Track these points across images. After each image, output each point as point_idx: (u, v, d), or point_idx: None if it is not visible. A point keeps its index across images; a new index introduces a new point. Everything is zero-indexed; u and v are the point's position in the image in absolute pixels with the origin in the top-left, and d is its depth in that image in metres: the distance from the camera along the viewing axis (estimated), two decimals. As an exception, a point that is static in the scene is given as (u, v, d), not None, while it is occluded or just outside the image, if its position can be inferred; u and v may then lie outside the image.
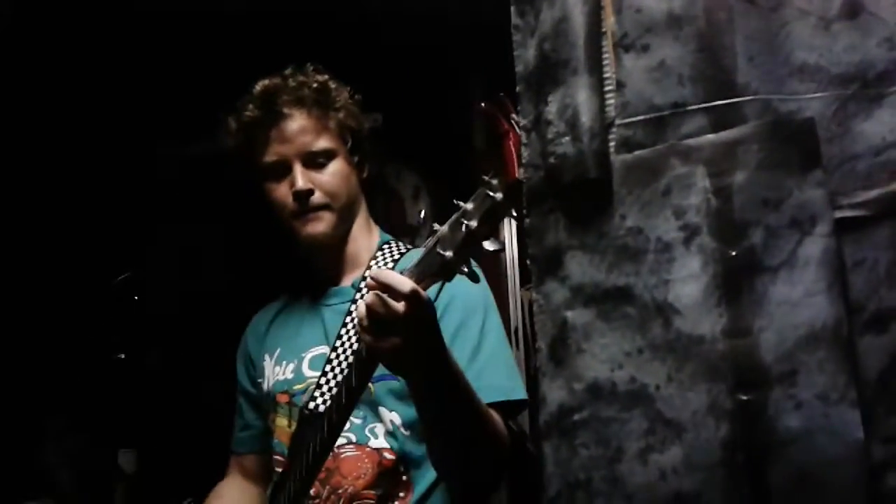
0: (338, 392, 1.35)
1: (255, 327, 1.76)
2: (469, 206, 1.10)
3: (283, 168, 1.57)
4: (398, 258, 1.62)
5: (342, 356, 1.53)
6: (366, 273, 1.57)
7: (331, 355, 1.54)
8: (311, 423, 1.46)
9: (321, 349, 1.58)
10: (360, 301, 1.19)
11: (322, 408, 1.48)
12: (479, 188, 1.10)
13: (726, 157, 0.99)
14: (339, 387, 1.36)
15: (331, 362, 1.53)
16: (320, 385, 1.51)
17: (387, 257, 1.64)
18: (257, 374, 1.68)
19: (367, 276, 1.45)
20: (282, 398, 1.59)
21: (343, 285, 1.64)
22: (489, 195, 1.09)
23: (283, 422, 1.59)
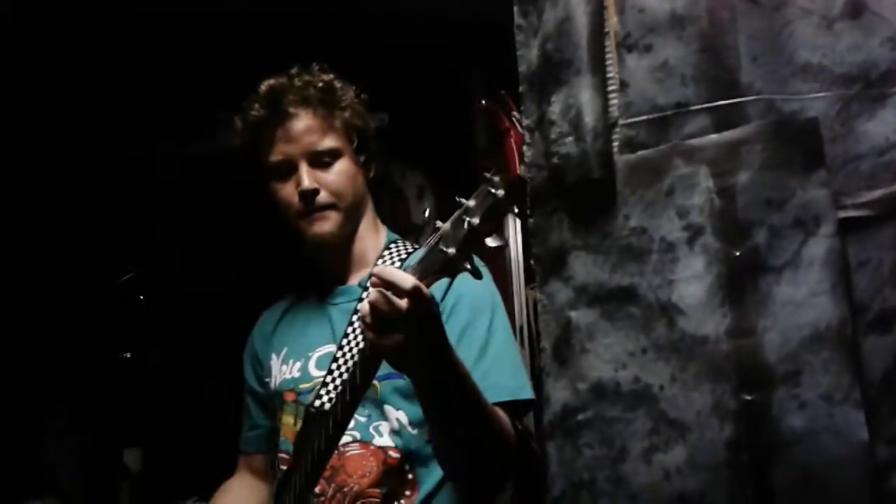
0: (342, 390, 1.35)
1: (262, 327, 1.76)
2: (471, 203, 1.11)
3: (288, 168, 1.57)
4: (405, 257, 1.62)
5: (348, 355, 1.53)
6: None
7: (337, 354, 1.54)
8: (317, 421, 1.46)
9: (328, 348, 1.58)
10: (364, 298, 1.19)
11: (327, 406, 1.48)
12: (480, 185, 1.11)
13: (730, 157, 0.98)
14: (343, 385, 1.36)
15: (337, 361, 1.53)
16: (326, 384, 1.52)
17: (393, 256, 1.64)
18: (264, 373, 1.69)
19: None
20: (288, 396, 1.60)
21: (350, 284, 1.64)
22: (491, 192, 1.09)
23: (289, 420, 1.59)
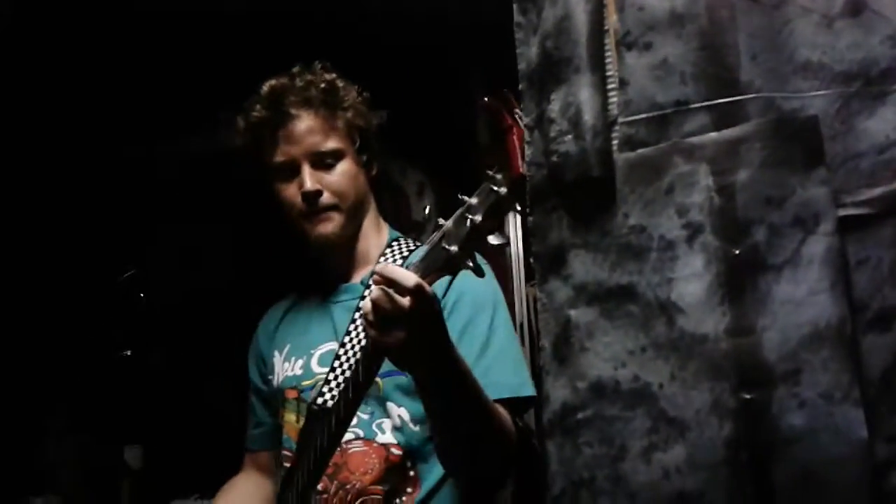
0: (345, 387, 1.35)
1: (265, 325, 1.77)
2: (474, 200, 1.10)
3: (291, 169, 1.57)
4: (407, 255, 1.62)
5: (350, 352, 1.53)
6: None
7: (339, 351, 1.54)
8: (319, 418, 1.46)
9: (330, 345, 1.58)
10: (366, 295, 1.19)
11: (330, 403, 1.48)
12: (483, 183, 1.11)
13: (729, 155, 0.98)
14: (346, 382, 1.36)
15: (339, 358, 1.53)
16: (328, 381, 1.52)
17: (395, 254, 1.64)
18: (267, 370, 1.69)
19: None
20: (290, 394, 1.60)
21: (353, 282, 1.64)
22: (493, 190, 1.09)
23: (291, 417, 1.59)
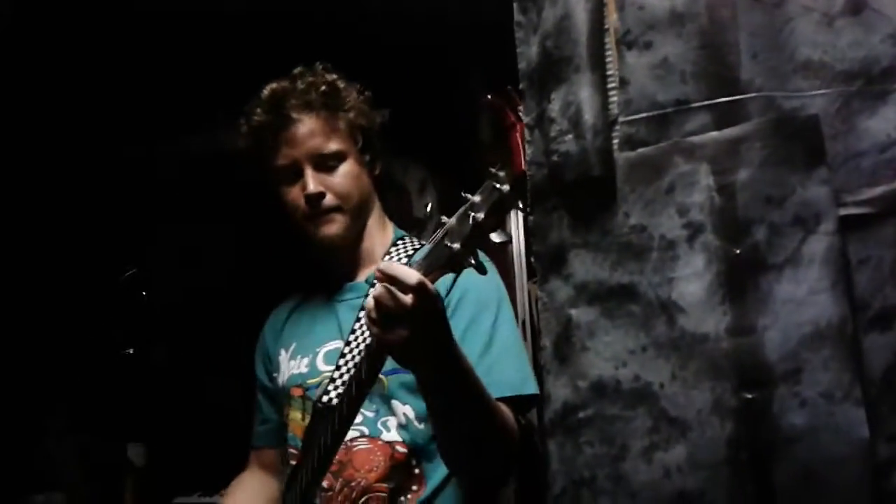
0: (348, 385, 1.35)
1: (272, 323, 1.77)
2: (477, 198, 1.10)
3: (294, 171, 1.57)
4: (412, 253, 1.62)
5: (356, 350, 1.53)
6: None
7: (344, 350, 1.54)
8: (324, 416, 1.46)
9: (335, 344, 1.58)
10: (370, 293, 1.19)
11: (335, 401, 1.48)
12: (486, 180, 1.10)
13: (730, 154, 0.98)
14: (350, 379, 1.37)
15: (344, 356, 1.53)
16: (333, 379, 1.52)
17: (400, 253, 1.64)
18: (273, 368, 1.69)
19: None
20: (296, 392, 1.60)
21: (357, 281, 1.64)
22: (496, 187, 1.08)
23: (296, 415, 1.59)
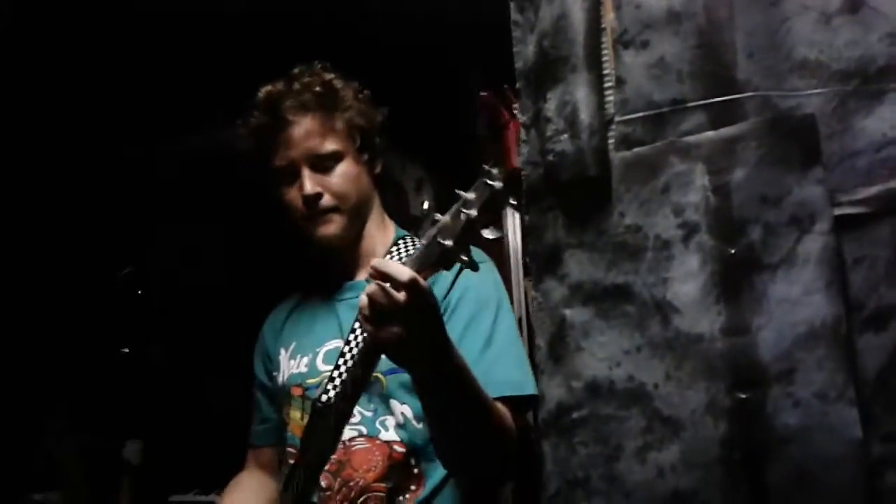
0: (344, 382, 1.36)
1: (272, 323, 1.77)
2: (470, 195, 1.11)
3: (292, 172, 1.58)
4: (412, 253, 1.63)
5: (355, 350, 1.53)
6: None
7: (344, 349, 1.54)
8: (323, 415, 1.47)
9: (335, 343, 1.58)
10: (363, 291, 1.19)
11: (334, 400, 1.48)
12: (478, 178, 1.11)
13: (725, 154, 0.98)
14: (346, 377, 1.37)
15: (344, 356, 1.53)
16: (333, 378, 1.52)
17: (401, 252, 1.64)
18: (273, 367, 1.70)
19: None
20: (296, 391, 1.61)
21: (357, 280, 1.64)
22: (489, 184, 1.09)
23: (296, 414, 1.60)
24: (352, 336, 1.55)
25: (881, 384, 0.92)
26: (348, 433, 1.49)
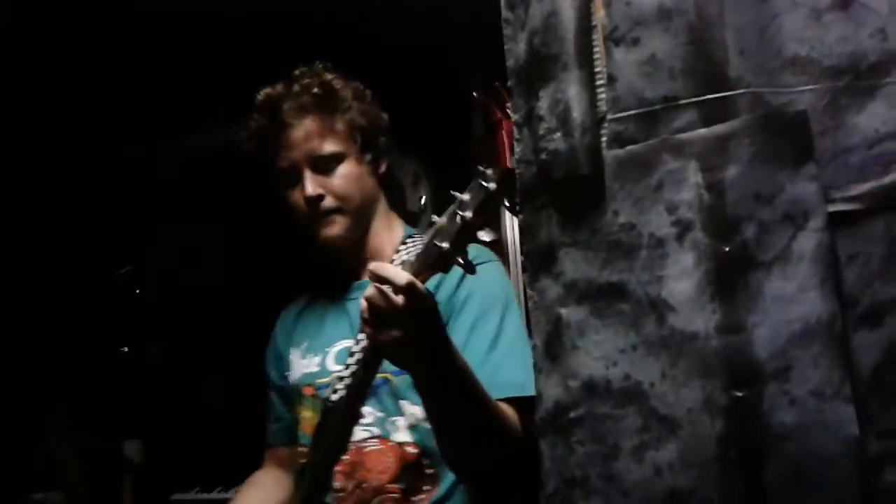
0: (349, 383, 1.36)
1: (283, 323, 1.78)
2: (465, 197, 1.11)
3: (294, 174, 1.58)
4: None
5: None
6: None
7: (354, 348, 1.55)
8: (333, 414, 1.48)
9: (346, 342, 1.59)
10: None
11: (343, 400, 1.49)
12: (473, 179, 1.11)
13: (718, 151, 0.97)
14: (352, 378, 1.37)
15: (353, 355, 1.54)
16: (343, 378, 1.53)
17: (410, 251, 1.64)
18: (285, 367, 1.70)
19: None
20: (307, 391, 1.62)
21: (365, 279, 1.64)
22: (483, 185, 1.09)
23: (307, 414, 1.60)
24: (361, 335, 1.55)
25: (876, 381, 0.92)
26: (361, 434, 1.49)
